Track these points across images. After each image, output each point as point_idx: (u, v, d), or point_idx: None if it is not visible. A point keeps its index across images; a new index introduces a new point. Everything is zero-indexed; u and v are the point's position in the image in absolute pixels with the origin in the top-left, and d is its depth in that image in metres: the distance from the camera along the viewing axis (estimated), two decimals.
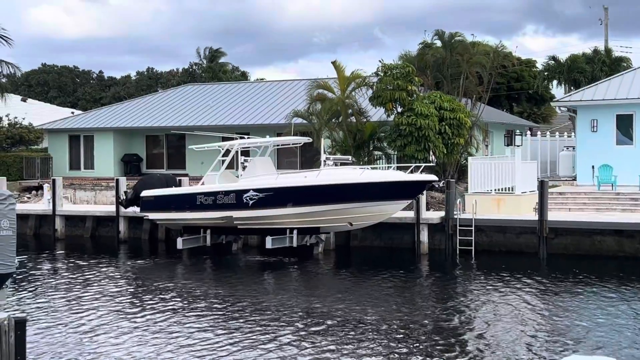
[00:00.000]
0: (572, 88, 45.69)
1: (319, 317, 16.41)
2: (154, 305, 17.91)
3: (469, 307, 17.75)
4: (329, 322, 15.92)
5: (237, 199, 24.99)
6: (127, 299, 18.94)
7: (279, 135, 34.13)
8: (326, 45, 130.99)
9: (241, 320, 16.24)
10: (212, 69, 69.83)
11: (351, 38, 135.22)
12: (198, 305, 17.95)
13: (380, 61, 30.02)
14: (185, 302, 18.33)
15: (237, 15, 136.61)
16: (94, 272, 23.16)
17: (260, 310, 17.16)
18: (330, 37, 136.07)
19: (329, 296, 19.22)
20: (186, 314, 16.94)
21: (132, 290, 20.29)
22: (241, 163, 26.60)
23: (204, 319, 16.47)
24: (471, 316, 16.82)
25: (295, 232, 24.91)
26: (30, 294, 19.54)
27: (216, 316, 16.70)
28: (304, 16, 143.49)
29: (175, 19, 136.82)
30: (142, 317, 16.73)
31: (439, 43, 34.21)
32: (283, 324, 15.88)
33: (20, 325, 9.45)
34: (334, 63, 31.17)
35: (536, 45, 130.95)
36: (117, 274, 23.04)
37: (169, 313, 17.08)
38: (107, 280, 21.71)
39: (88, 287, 20.42)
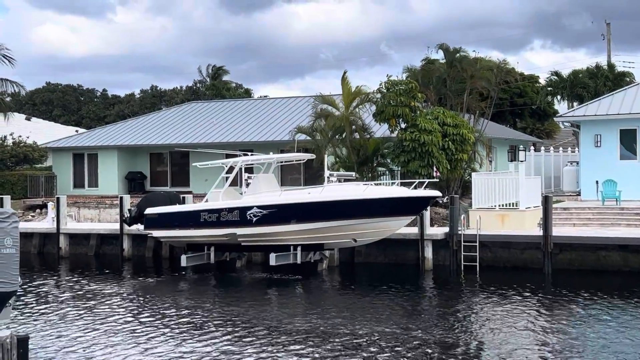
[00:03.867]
0: (575, 103, 45.74)
1: (323, 334, 16.33)
2: (158, 324, 17.85)
3: (473, 324, 17.68)
4: (333, 339, 15.84)
5: (240, 215, 24.96)
6: (131, 317, 18.87)
7: (282, 152, 34.15)
8: (333, 61, 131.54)
9: (245, 338, 16.16)
10: (216, 87, 70.03)
11: (358, 54, 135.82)
12: (202, 323, 17.88)
13: (387, 76, 29.99)
14: (189, 319, 18.26)
15: (242, 32, 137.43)
16: (98, 290, 23.12)
17: (264, 328, 17.09)
18: (337, 53, 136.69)
19: (334, 313, 19.14)
20: (190, 332, 16.88)
21: (136, 308, 20.23)
22: (245, 180, 26.60)
23: (208, 337, 16.40)
24: (475, 332, 16.74)
25: (299, 248, 24.85)
26: (33, 312, 19.50)
27: (220, 334, 16.62)
28: (311, 32, 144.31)
29: (180, 36, 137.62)
30: (146, 335, 16.67)
31: (442, 59, 34.28)
32: (287, 341, 15.80)
33: (22, 343, 9.44)
34: (344, 74, 31.08)
35: (543, 60, 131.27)
36: (121, 292, 22.99)
37: (172, 331, 17.02)
38: (110, 298, 21.66)
39: (91, 306, 20.36)
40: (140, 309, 19.92)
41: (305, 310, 19.72)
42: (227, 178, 26.80)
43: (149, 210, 27.28)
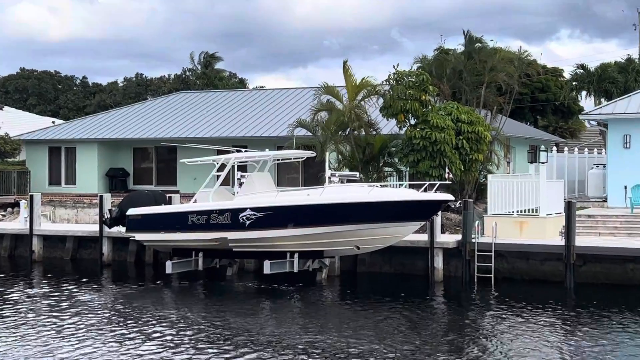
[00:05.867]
0: (602, 100, 45.73)
1: (320, 351, 16.31)
2: (139, 336, 17.83)
3: (486, 342, 17.64)
4: (332, 357, 15.81)
5: (232, 218, 24.94)
6: (109, 328, 18.85)
7: (279, 148, 34.11)
8: (338, 49, 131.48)
9: (235, 354, 16.14)
10: (207, 76, 70.08)
11: (366, 41, 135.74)
12: (187, 337, 17.85)
13: (394, 67, 29.90)
14: (174, 333, 18.24)
15: (239, 16, 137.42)
16: (74, 298, 23.10)
17: (256, 344, 17.07)
18: (343, 40, 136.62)
19: (333, 328, 19.12)
20: (174, 347, 16.85)
21: (115, 319, 20.20)
22: (237, 179, 26.57)
23: (193, 352, 16.37)
24: (489, 352, 16.70)
25: (296, 256, 24.84)
26: (1, 320, 19.46)
27: (207, 349, 16.60)
28: (314, 18, 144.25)
29: (171, 20, 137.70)
30: (126, 349, 16.64)
31: (459, 46, 34.26)
32: (280, 359, 15.78)
33: None
34: (345, 64, 30.97)
35: (569, 52, 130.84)
36: (99, 300, 22.98)
37: (154, 345, 16.99)
38: (87, 307, 21.64)
39: (66, 315, 20.33)
40: (120, 320, 19.89)
41: (301, 325, 19.70)
42: (218, 177, 26.78)
43: (131, 211, 27.26)
